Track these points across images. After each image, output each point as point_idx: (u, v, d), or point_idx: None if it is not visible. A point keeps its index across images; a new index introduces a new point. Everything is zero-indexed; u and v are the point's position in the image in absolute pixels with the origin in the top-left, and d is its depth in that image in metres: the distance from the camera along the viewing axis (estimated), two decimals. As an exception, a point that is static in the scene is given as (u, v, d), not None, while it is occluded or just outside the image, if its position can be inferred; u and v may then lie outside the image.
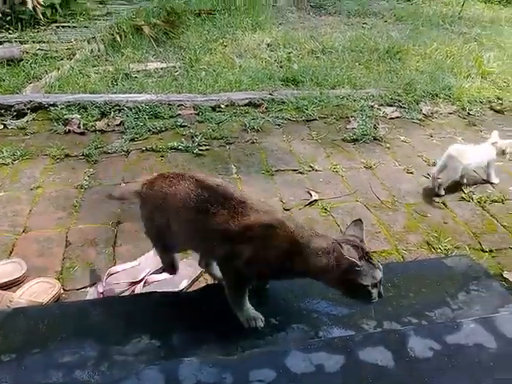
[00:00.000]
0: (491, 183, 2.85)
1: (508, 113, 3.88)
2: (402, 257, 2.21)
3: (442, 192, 2.74)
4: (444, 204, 2.65)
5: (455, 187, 2.76)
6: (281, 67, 4.59)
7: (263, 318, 1.31)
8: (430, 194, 2.72)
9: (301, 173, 2.91)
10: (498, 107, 3.92)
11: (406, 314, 1.28)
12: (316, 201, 2.63)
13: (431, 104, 3.91)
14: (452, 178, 2.73)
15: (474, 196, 2.69)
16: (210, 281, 1.94)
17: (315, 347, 1.07)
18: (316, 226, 2.40)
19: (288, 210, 2.53)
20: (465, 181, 2.83)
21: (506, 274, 2.14)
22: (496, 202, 2.67)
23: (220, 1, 6.43)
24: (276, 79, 4.26)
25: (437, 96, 3.99)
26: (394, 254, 2.24)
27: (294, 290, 1.43)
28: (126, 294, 1.84)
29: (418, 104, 3.88)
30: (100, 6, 6.51)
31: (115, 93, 3.82)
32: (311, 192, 2.70)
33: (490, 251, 2.27)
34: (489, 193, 2.74)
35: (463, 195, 2.72)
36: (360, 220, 1.32)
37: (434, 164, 3.02)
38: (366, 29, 6.21)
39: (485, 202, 2.65)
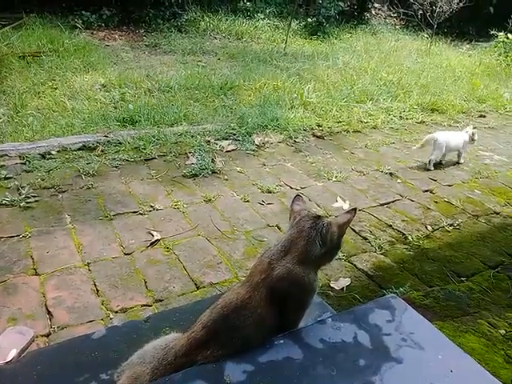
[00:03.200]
0: (459, 163, 4.03)
1: (327, 138, 4.37)
2: (242, 284, 2.32)
3: (432, 167, 3.86)
4: (278, 227, 2.86)
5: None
6: (116, 108, 4.53)
7: None
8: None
9: (141, 214, 2.88)
10: (319, 133, 4.40)
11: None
12: (158, 241, 2.63)
13: (262, 135, 4.21)
14: (439, 156, 3.87)
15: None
16: (42, 345, 1.81)
17: None
18: (159, 266, 2.41)
19: (129, 254, 2.48)
20: (445, 159, 3.99)
21: (332, 284, 2.39)
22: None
23: (46, 42, 6.13)
24: (111, 120, 4.19)
25: (267, 127, 4.32)
26: (235, 282, 2.33)
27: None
28: None
29: (250, 136, 4.15)
30: None
31: None
32: (152, 232, 2.69)
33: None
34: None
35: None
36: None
37: (269, 191, 3.27)
38: (200, 66, 6.46)
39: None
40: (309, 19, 9.61)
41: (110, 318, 2.01)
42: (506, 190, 3.59)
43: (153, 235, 2.67)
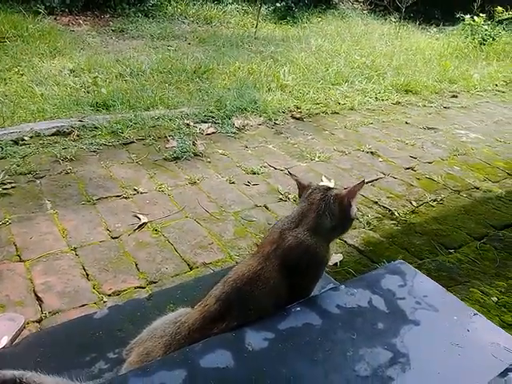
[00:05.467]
0: None
1: (306, 119, 4.36)
2: (236, 262, 2.28)
3: None
4: (266, 207, 2.84)
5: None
6: (88, 92, 4.37)
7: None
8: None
9: (125, 197, 2.79)
10: (298, 115, 4.38)
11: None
12: (145, 223, 2.56)
13: (242, 118, 4.16)
14: None
15: (289, 196, 2.95)
16: (34, 331, 1.73)
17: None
18: (149, 248, 2.35)
19: (116, 237, 2.41)
20: None
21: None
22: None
23: (9, 28, 5.85)
24: (85, 105, 4.04)
25: (246, 110, 4.26)
26: (229, 261, 2.31)
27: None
28: None
29: (230, 119, 4.09)
30: None
31: None
32: (139, 215, 2.61)
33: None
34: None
35: (280, 196, 2.96)
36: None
37: (253, 172, 3.24)
38: (171, 51, 6.32)
39: (295, 200, 2.90)
40: (277, 4, 9.52)
41: (104, 302, 1.94)
42: (483, 165, 3.68)
43: (139, 218, 2.59)
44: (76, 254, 2.23)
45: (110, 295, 1.99)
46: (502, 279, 2.30)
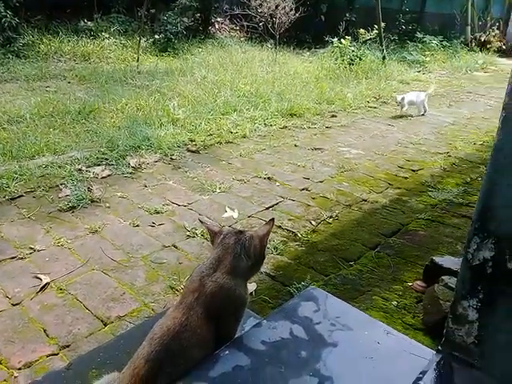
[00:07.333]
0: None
1: (202, 151, 4.44)
2: (153, 309, 2.26)
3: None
4: (175, 246, 2.83)
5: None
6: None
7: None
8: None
9: (21, 258, 2.61)
10: (194, 148, 4.44)
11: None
12: (48, 283, 2.41)
13: (137, 156, 4.11)
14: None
15: (197, 231, 2.98)
16: None
17: None
18: (56, 310, 2.22)
19: (18, 304, 2.24)
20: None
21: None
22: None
23: None
24: (-41, 161, 3.71)
25: (140, 148, 4.23)
26: (145, 310, 2.26)
27: None
28: None
29: (124, 159, 4.02)
30: None
31: None
32: (39, 276, 2.46)
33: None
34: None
35: (188, 233, 2.97)
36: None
37: (157, 212, 3.21)
38: (50, 92, 6.05)
39: (203, 235, 2.94)
40: (156, 36, 9.60)
41: (15, 377, 1.80)
42: (367, 178, 4.04)
43: (40, 279, 2.43)
44: (-26, 330, 2.04)
45: (20, 369, 1.85)
46: (398, 283, 2.55)
